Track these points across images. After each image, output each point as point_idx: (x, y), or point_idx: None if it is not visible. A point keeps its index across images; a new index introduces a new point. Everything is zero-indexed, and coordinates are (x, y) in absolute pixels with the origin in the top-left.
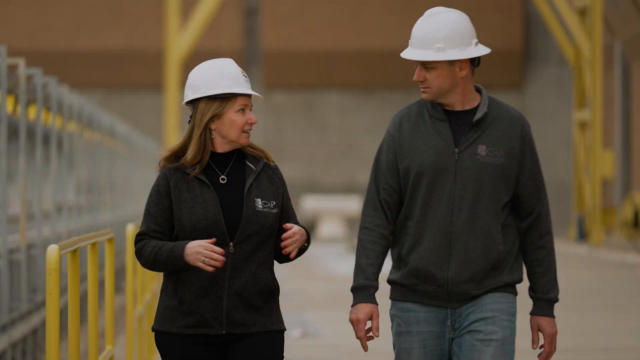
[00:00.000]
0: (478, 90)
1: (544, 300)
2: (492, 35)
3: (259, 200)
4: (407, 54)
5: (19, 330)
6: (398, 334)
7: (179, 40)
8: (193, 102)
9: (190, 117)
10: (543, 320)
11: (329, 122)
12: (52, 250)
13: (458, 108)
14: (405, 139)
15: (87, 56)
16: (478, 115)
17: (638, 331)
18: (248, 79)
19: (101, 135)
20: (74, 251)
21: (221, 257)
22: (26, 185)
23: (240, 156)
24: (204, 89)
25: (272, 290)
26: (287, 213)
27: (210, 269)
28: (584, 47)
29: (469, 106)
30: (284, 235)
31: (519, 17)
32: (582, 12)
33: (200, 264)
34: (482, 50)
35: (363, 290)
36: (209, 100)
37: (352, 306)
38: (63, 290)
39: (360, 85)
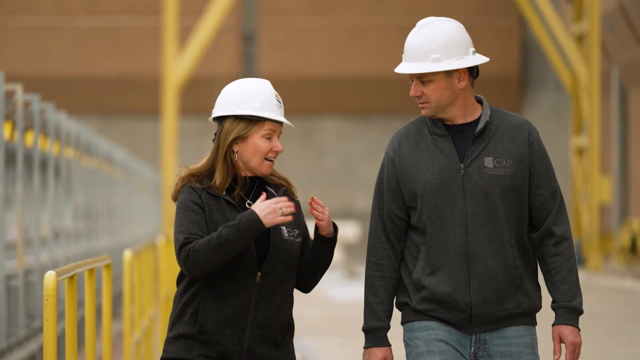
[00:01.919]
0: (479, 101)
1: (566, 309)
2: (490, 61)
3: (283, 228)
4: (402, 68)
5: (16, 356)
6: (417, 356)
7: (177, 66)
8: (220, 120)
9: (215, 134)
10: (565, 329)
11: (327, 147)
12: (50, 276)
13: (459, 121)
14: (405, 160)
15: (85, 82)
16: (480, 125)
17: (635, 356)
18: (282, 104)
19: (99, 161)
20: (72, 277)
21: (291, 202)
22: (24, 211)
23: (261, 181)
24: (232, 108)
25: (292, 325)
26: (308, 241)
27: (290, 218)
28: (582, 73)
29: (470, 118)
30: (314, 201)
31: (516, 43)
32: (580, 38)
33: (280, 219)
34: (480, 59)
35: (374, 332)
36: (235, 120)
37: (364, 348)
38: (60, 316)
39: (358, 111)
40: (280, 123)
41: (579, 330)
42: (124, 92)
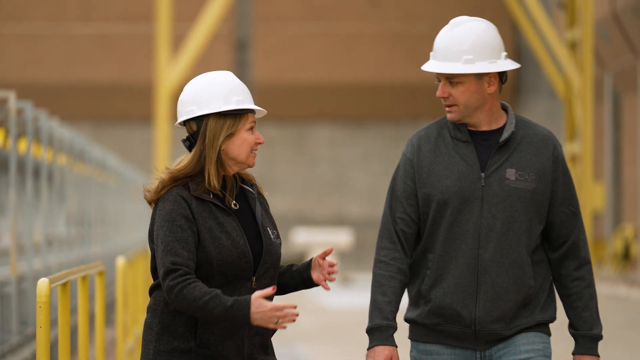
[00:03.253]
0: (504, 109)
1: (588, 338)
2: None
3: (269, 229)
4: (431, 66)
5: None
6: None
7: (170, 73)
8: (197, 120)
9: (191, 135)
10: None
11: (319, 154)
12: (43, 283)
13: (484, 128)
14: (424, 163)
15: (79, 89)
16: (505, 135)
17: None
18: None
19: (92, 168)
20: (65, 284)
21: (296, 312)
22: (17, 218)
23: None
24: (214, 104)
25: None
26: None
27: (284, 326)
28: (575, 80)
29: (495, 126)
30: (333, 263)
31: (509, 50)
32: (573, 45)
33: (272, 325)
34: (512, 64)
35: (381, 331)
36: (220, 118)
37: (368, 349)
38: (53, 323)
39: (351, 117)
40: (254, 113)
41: (599, 356)
42: (117, 99)
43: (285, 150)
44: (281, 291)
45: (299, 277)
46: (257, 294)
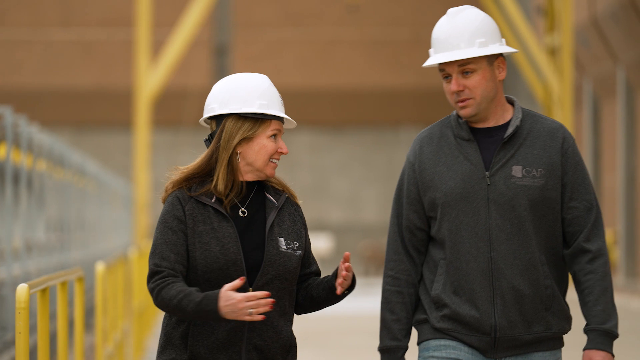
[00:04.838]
0: (510, 102)
1: (599, 332)
2: None
3: (282, 239)
4: (445, 57)
5: None
6: None
7: (149, 78)
8: (217, 119)
9: (210, 136)
10: (596, 355)
11: (300, 160)
12: (22, 289)
13: (491, 124)
14: (426, 165)
15: (58, 94)
16: (510, 130)
17: None
18: (282, 101)
19: (71, 174)
20: (44, 290)
21: (270, 300)
22: None
23: (259, 187)
24: (235, 105)
25: (293, 346)
26: (308, 259)
27: (261, 317)
28: (554, 85)
29: (502, 121)
30: (346, 266)
31: None
32: (552, 51)
33: (247, 318)
34: (512, 48)
35: (390, 353)
36: (239, 120)
37: None
38: (33, 329)
39: (331, 123)
40: (282, 121)
41: (613, 355)
42: (96, 104)
43: None
44: (316, 306)
45: (326, 286)
46: (226, 286)
